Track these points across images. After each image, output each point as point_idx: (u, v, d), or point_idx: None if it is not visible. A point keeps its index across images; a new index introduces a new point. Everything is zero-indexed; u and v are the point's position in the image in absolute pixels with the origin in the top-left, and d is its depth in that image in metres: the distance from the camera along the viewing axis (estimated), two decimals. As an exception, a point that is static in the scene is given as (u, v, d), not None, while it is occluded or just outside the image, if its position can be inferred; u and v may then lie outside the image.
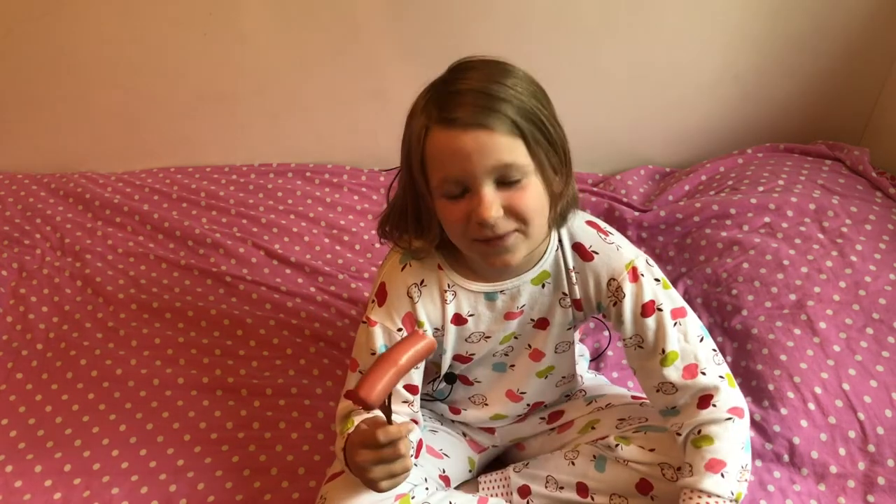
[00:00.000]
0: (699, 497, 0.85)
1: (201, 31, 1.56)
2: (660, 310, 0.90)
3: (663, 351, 0.89)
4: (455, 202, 0.80)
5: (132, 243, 1.54)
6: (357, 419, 0.88)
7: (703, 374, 0.89)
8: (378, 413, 0.78)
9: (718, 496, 0.85)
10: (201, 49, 1.58)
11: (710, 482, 0.85)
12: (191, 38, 1.57)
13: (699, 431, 0.88)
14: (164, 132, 1.71)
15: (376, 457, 0.76)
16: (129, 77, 1.62)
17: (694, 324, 0.91)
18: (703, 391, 0.89)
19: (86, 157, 1.75)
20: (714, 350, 0.92)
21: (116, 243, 1.54)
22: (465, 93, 0.78)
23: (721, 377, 0.90)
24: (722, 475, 0.85)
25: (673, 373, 0.89)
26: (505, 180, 0.78)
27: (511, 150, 0.77)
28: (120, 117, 1.69)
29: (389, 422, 0.77)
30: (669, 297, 0.91)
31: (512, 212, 0.79)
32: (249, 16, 1.54)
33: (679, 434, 0.91)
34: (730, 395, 0.90)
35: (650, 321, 0.90)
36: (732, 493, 0.86)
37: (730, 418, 0.88)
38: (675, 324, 0.90)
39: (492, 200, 0.78)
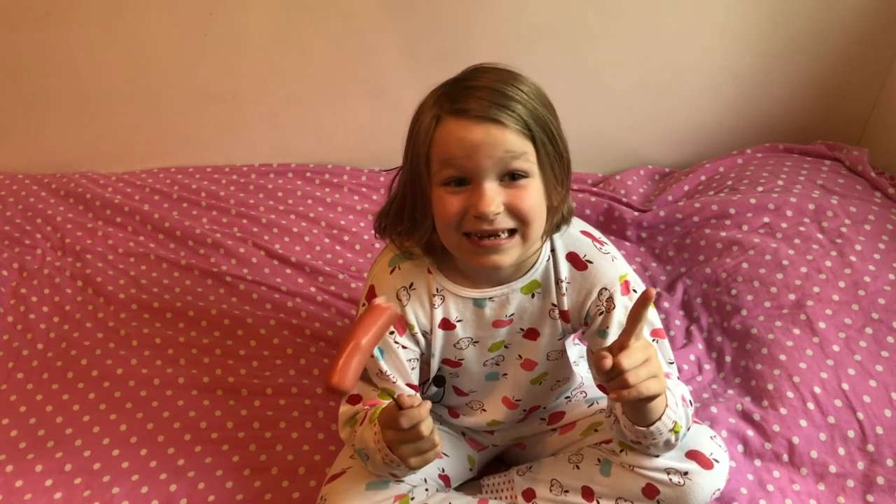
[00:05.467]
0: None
1: (202, 32, 1.56)
2: None
3: None
4: (454, 194, 0.80)
5: (133, 243, 1.54)
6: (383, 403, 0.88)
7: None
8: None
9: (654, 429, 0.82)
10: (202, 49, 1.58)
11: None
12: (191, 39, 1.57)
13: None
14: (165, 132, 1.71)
15: (401, 437, 0.79)
16: (130, 77, 1.63)
17: (667, 348, 0.92)
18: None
19: (86, 157, 1.75)
20: (676, 379, 0.91)
21: (117, 243, 1.54)
22: (479, 88, 0.79)
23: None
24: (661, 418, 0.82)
25: None
26: (509, 176, 0.79)
27: (521, 146, 0.78)
28: (120, 117, 1.69)
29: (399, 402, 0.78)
30: (653, 316, 0.92)
31: (513, 210, 0.80)
32: (250, 16, 1.54)
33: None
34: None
35: None
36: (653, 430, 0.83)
37: (675, 428, 0.86)
38: (654, 341, 0.89)
39: (493, 195, 0.78)
